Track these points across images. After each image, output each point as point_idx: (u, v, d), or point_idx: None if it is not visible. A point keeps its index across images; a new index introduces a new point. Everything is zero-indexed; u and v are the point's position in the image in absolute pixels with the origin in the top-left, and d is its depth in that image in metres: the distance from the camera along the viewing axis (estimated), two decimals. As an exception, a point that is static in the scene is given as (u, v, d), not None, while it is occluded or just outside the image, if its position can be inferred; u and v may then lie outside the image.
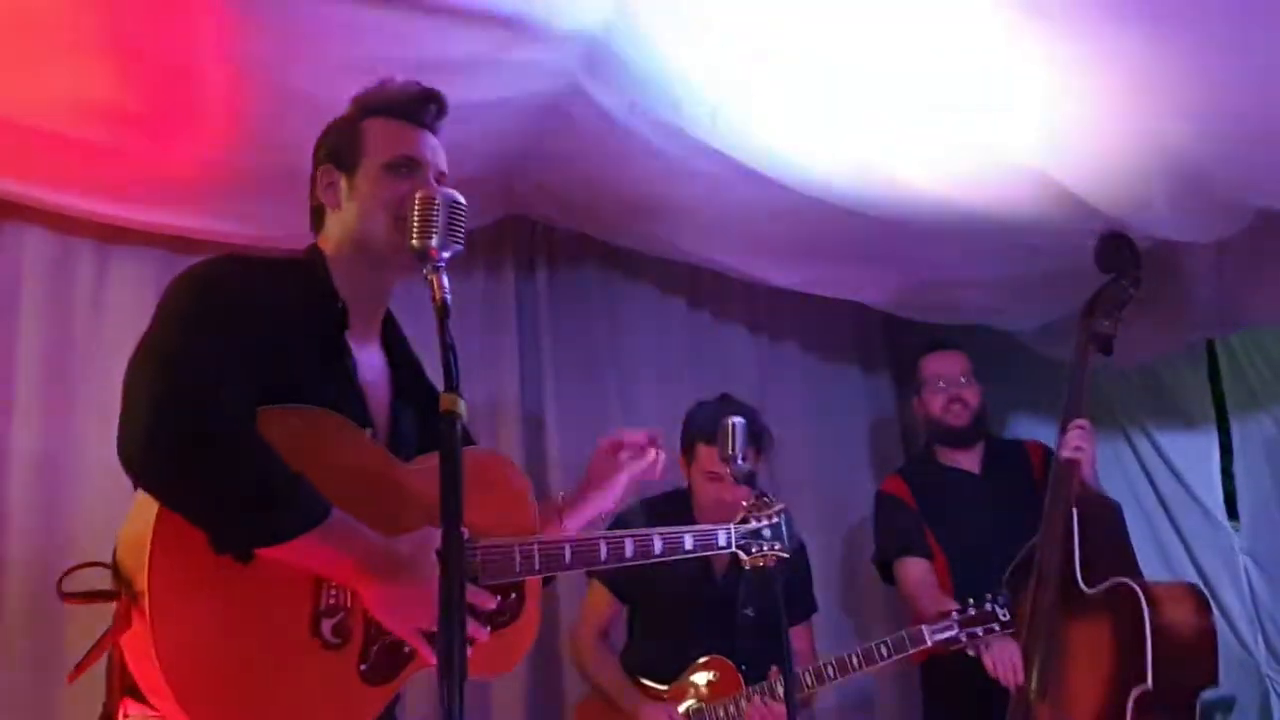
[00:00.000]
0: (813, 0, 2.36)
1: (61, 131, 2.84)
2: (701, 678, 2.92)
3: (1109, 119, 2.55)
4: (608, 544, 1.97)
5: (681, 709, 2.86)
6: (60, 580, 1.68)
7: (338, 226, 1.88)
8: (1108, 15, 2.21)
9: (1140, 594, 2.81)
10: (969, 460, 3.47)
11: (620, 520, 3.02)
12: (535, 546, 1.83)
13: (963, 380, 3.46)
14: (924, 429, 3.65)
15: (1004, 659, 2.88)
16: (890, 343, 4.54)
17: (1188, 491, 4.02)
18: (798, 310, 4.26)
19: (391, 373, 1.92)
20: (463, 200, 1.66)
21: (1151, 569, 3.20)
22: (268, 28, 2.53)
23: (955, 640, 2.85)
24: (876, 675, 3.40)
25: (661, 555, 2.04)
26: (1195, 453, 4.05)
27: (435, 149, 1.91)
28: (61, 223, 3.15)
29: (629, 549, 1.99)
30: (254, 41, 2.57)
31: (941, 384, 3.46)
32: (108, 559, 2.93)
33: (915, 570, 3.27)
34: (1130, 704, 2.75)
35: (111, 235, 3.22)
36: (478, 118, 2.99)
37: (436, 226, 1.62)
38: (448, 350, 1.53)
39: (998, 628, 2.85)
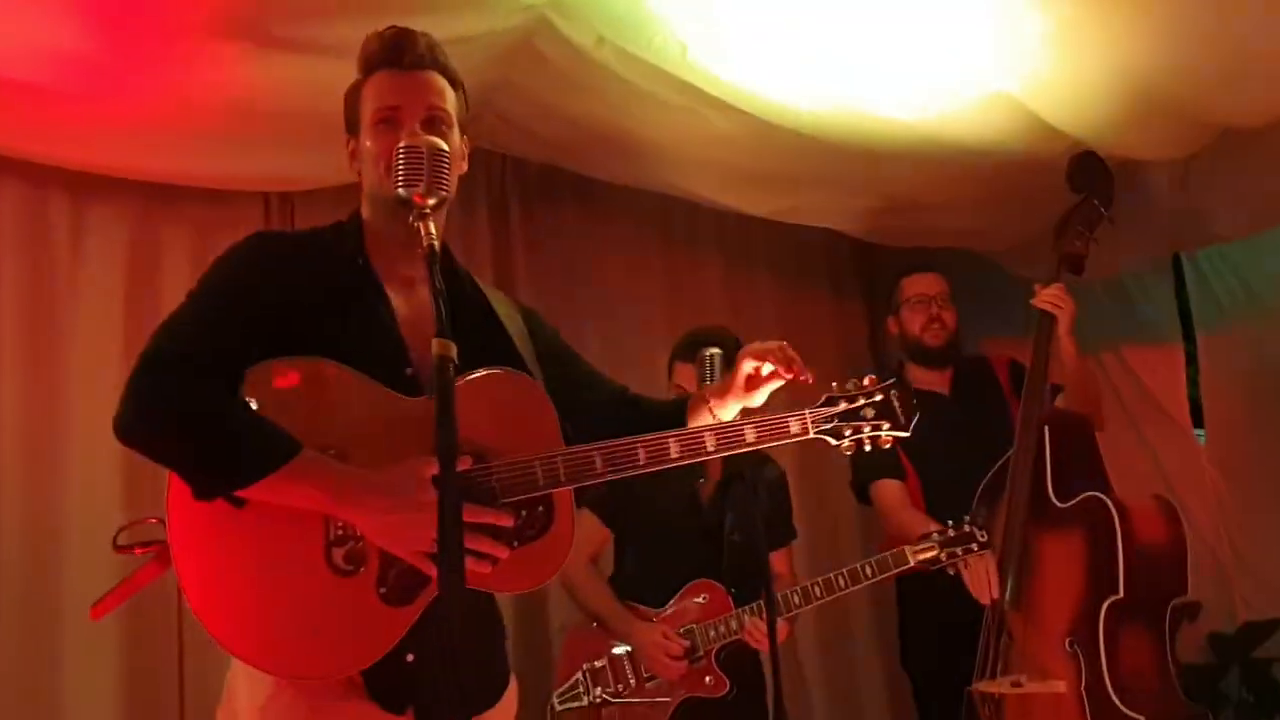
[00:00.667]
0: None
1: (26, 79, 2.83)
2: (692, 600, 2.99)
3: (1071, 39, 2.58)
4: (645, 448, 1.84)
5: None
6: (116, 535, 1.78)
7: (363, 188, 1.95)
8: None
9: (1111, 506, 2.90)
10: (939, 381, 3.51)
11: None
12: (559, 459, 1.80)
13: (941, 301, 3.49)
14: (899, 349, 3.67)
15: (978, 574, 2.98)
16: (861, 269, 4.60)
17: (1154, 404, 4.11)
18: (769, 238, 4.30)
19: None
20: (445, 146, 1.69)
21: (1121, 481, 3.27)
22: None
23: (936, 560, 2.94)
24: (855, 596, 3.47)
25: (716, 452, 1.91)
26: (1161, 366, 4.14)
27: (421, 87, 1.90)
28: (35, 173, 3.15)
29: (674, 449, 1.86)
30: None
31: (921, 303, 3.49)
32: (97, 511, 3.02)
33: (891, 491, 3.34)
34: (1103, 613, 2.83)
35: (86, 184, 3.21)
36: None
37: (420, 174, 1.65)
38: (438, 296, 1.56)
39: (976, 547, 2.94)
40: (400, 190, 1.66)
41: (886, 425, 2.04)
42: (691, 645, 2.92)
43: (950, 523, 2.96)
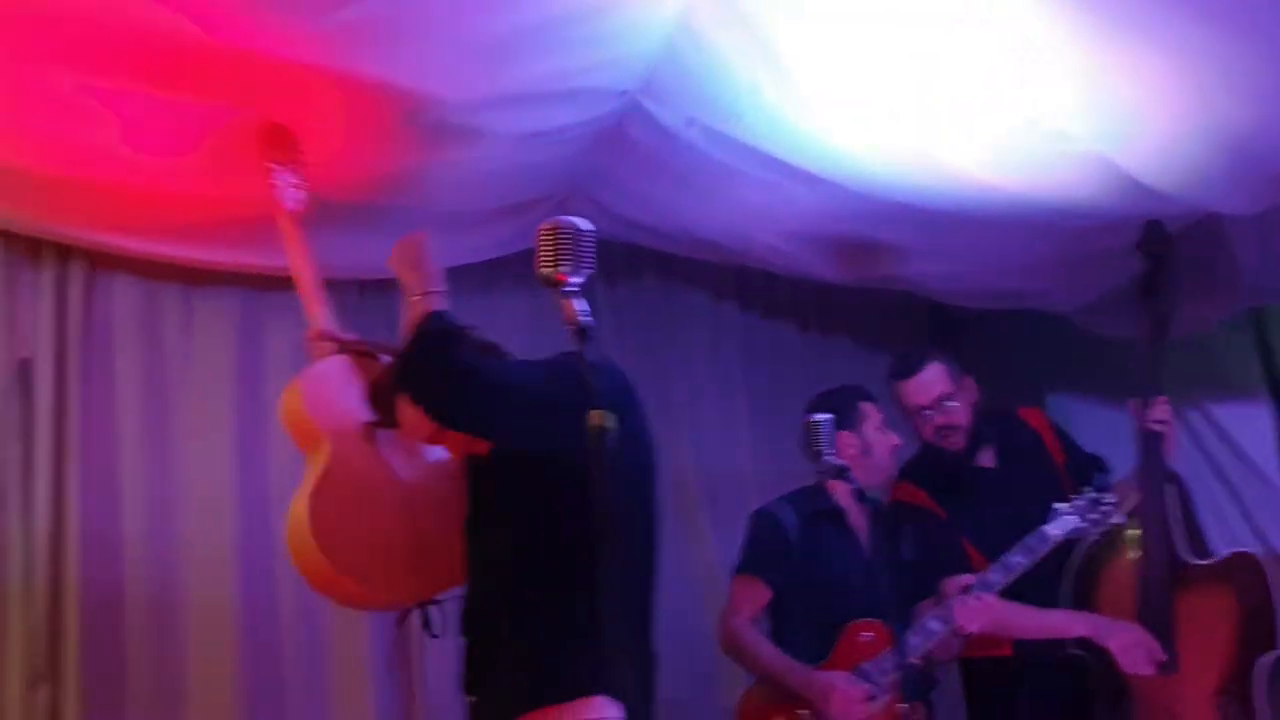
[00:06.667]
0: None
1: (140, 183, 2.97)
2: (856, 640, 2.99)
3: (1157, 95, 2.61)
4: None
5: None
6: None
7: None
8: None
9: (1262, 563, 2.90)
10: (981, 454, 3.32)
11: (767, 518, 3.17)
12: None
13: (945, 404, 3.22)
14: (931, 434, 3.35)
15: (1128, 645, 2.92)
16: (938, 328, 4.62)
17: (1245, 462, 4.07)
18: (846, 300, 4.35)
19: None
20: (589, 227, 1.76)
21: (1216, 540, 3.25)
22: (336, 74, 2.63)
23: (1080, 530, 2.96)
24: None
25: None
26: (1249, 423, 4.10)
27: None
28: (148, 269, 3.29)
29: None
30: (321, 90, 2.67)
31: (921, 416, 3.25)
32: (213, 574, 3.12)
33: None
34: (1256, 670, 2.82)
35: (195, 277, 3.35)
36: (539, 146, 3.11)
37: (563, 254, 1.73)
38: (590, 371, 1.63)
39: (1111, 506, 2.97)
40: (543, 269, 1.74)
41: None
42: (870, 685, 2.92)
43: (1080, 492, 3.00)
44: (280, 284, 3.43)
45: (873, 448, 3.18)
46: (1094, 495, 3.01)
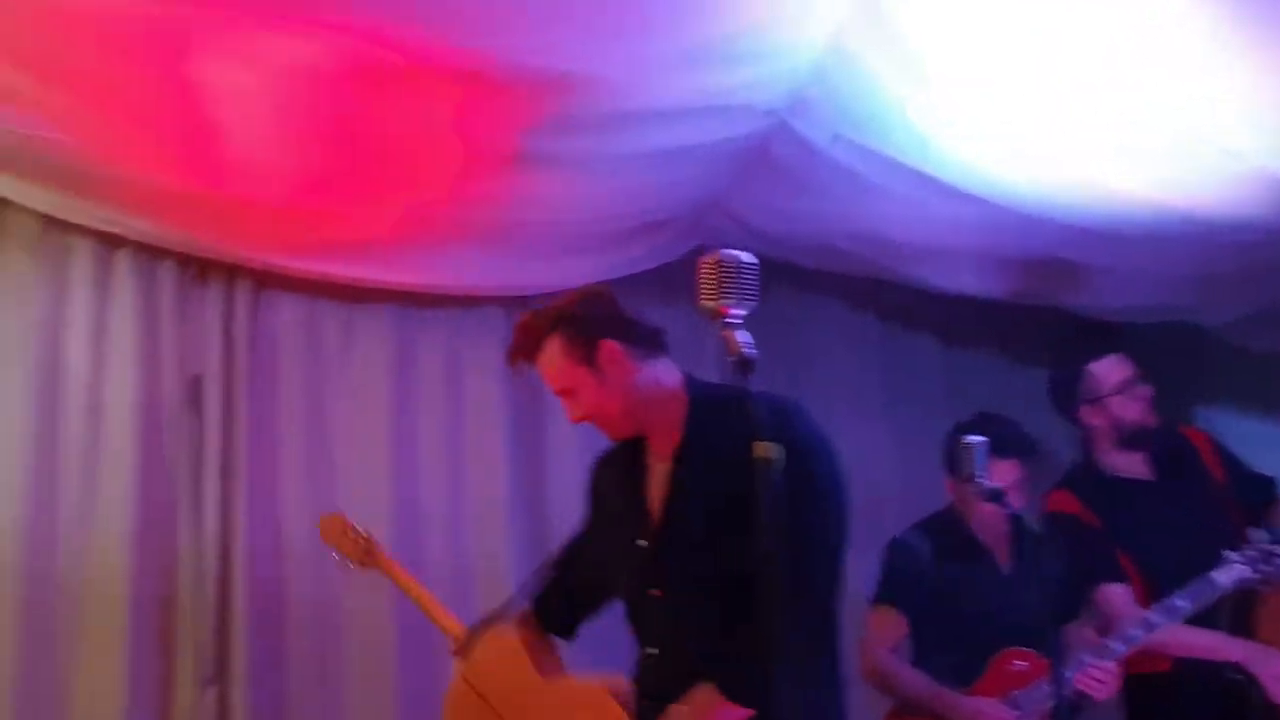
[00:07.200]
0: (1023, 19, 2.42)
1: (303, 204, 3.11)
2: (1007, 668, 2.96)
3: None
4: None
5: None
6: None
7: None
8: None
9: None
10: (1138, 465, 3.25)
11: (903, 547, 3.14)
12: None
13: (1136, 387, 3.23)
14: (1105, 438, 3.30)
15: None
16: (1083, 342, 4.50)
17: None
18: (987, 312, 4.26)
19: (672, 472, 2.19)
20: (751, 260, 1.78)
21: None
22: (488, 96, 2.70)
23: (1249, 581, 2.86)
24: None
25: None
26: None
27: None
28: (308, 286, 3.43)
29: None
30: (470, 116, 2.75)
31: (1130, 389, 3.22)
32: (369, 580, 3.21)
33: (1118, 596, 3.10)
34: None
35: (353, 295, 3.48)
36: (678, 163, 3.14)
37: (726, 286, 1.75)
38: (752, 402, 1.65)
39: None
40: (705, 301, 1.77)
41: None
42: (1019, 713, 2.90)
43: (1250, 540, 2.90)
44: (431, 301, 3.56)
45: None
46: (1267, 547, 2.88)
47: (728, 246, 3.82)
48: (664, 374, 2.22)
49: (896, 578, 3.14)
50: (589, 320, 2.17)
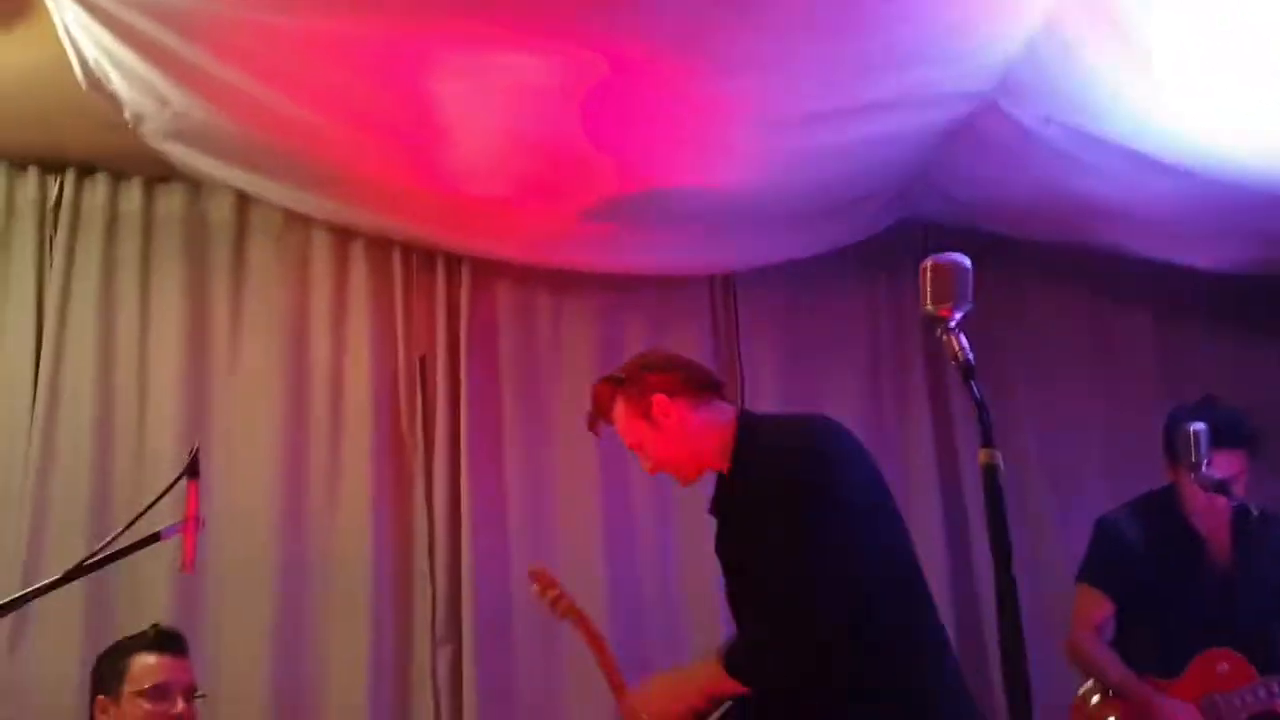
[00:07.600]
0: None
1: (516, 199, 3.28)
2: (1210, 669, 2.91)
3: None
4: None
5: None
6: None
7: None
8: None
9: None
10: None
11: (1111, 526, 3.10)
12: None
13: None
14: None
15: None
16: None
17: None
18: (1207, 286, 4.07)
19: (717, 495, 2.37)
20: (966, 263, 1.81)
21: None
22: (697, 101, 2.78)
23: None
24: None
25: None
26: None
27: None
28: (522, 274, 3.62)
29: None
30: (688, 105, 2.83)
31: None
32: (582, 544, 3.41)
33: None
34: None
35: (562, 280, 3.66)
36: (886, 146, 3.16)
37: (946, 291, 1.78)
38: (980, 407, 1.69)
39: None
40: (928, 305, 1.80)
41: None
42: (1217, 718, 2.86)
43: None
44: (636, 284, 3.69)
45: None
46: None
47: (930, 218, 3.96)
48: (718, 413, 2.36)
49: (1101, 557, 3.10)
50: (641, 380, 2.37)
